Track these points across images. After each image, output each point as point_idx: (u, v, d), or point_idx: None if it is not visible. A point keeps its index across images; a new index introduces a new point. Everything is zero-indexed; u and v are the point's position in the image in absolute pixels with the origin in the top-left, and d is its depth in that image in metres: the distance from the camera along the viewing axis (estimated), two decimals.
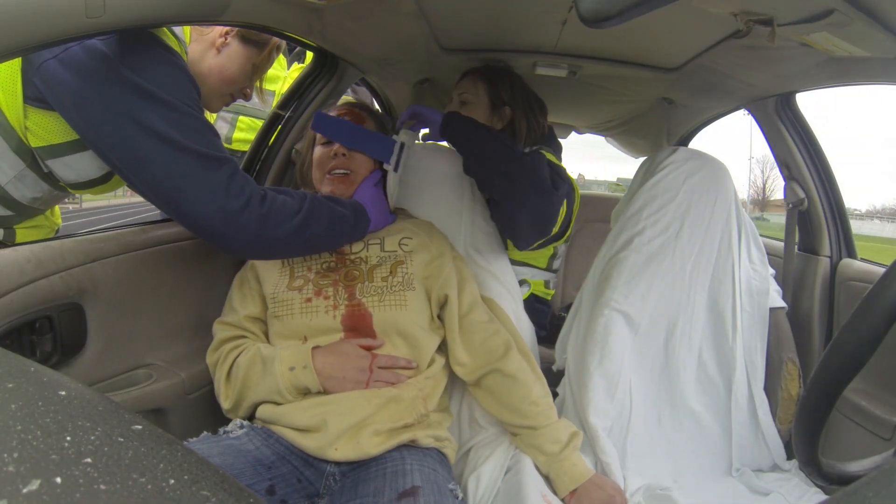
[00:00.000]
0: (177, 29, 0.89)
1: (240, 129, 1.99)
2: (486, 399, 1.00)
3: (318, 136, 1.10)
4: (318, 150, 1.09)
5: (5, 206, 0.95)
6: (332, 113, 1.12)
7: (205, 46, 0.96)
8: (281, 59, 2.04)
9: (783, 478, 1.07)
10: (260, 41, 0.99)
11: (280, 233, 0.85)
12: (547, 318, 1.41)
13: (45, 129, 0.87)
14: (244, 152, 1.89)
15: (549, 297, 1.41)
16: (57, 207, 1.15)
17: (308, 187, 1.13)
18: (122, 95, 0.75)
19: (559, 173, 1.16)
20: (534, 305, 1.31)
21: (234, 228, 0.80)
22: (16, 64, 0.82)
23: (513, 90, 1.34)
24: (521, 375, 0.96)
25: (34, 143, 0.88)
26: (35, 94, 0.83)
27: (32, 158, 0.91)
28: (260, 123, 1.94)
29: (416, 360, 0.95)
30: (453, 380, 1.03)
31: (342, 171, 1.05)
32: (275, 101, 1.95)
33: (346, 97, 1.45)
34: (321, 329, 0.94)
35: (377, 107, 1.83)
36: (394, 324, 0.94)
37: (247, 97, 1.05)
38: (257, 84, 1.06)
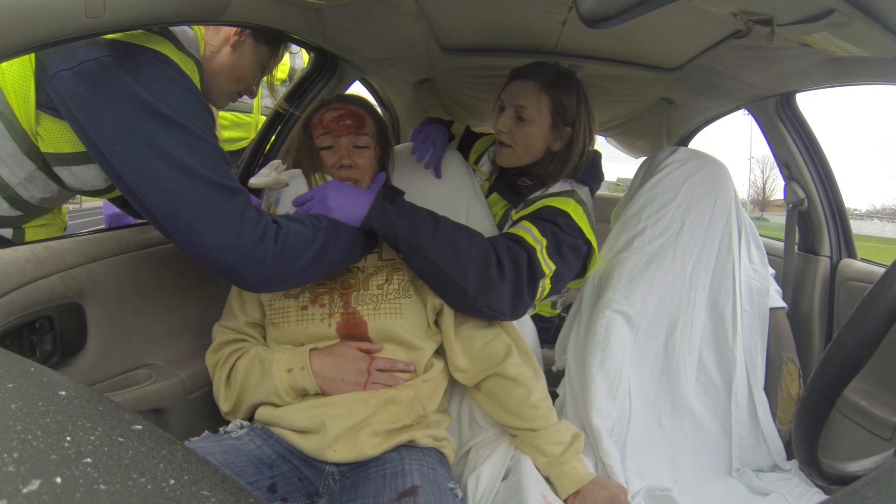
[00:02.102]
0: (191, 46, 0.86)
1: (222, 127, 1.86)
2: (485, 402, 1.00)
3: (318, 139, 1.03)
4: (323, 154, 1.02)
5: (15, 207, 0.95)
6: (332, 110, 1.05)
7: (220, 42, 0.94)
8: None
9: (783, 478, 1.08)
10: (272, 42, 0.98)
11: (297, 266, 0.81)
12: (551, 335, 1.34)
13: (55, 136, 0.86)
14: (231, 152, 1.88)
15: (555, 315, 1.35)
16: (64, 206, 1.14)
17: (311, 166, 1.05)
18: (138, 116, 0.72)
19: (530, 260, 0.97)
20: (538, 325, 1.23)
21: (249, 263, 0.76)
22: (28, 68, 0.81)
23: (578, 106, 1.15)
24: (522, 378, 0.95)
25: (44, 148, 0.87)
26: (48, 102, 0.82)
27: (43, 161, 0.90)
28: (244, 118, 1.92)
29: (413, 364, 0.95)
30: (453, 381, 1.03)
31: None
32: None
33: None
34: (316, 337, 0.94)
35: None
36: (389, 331, 0.94)
37: (252, 95, 1.03)
38: (266, 79, 1.05)
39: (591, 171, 1.20)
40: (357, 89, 1.58)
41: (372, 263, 1.01)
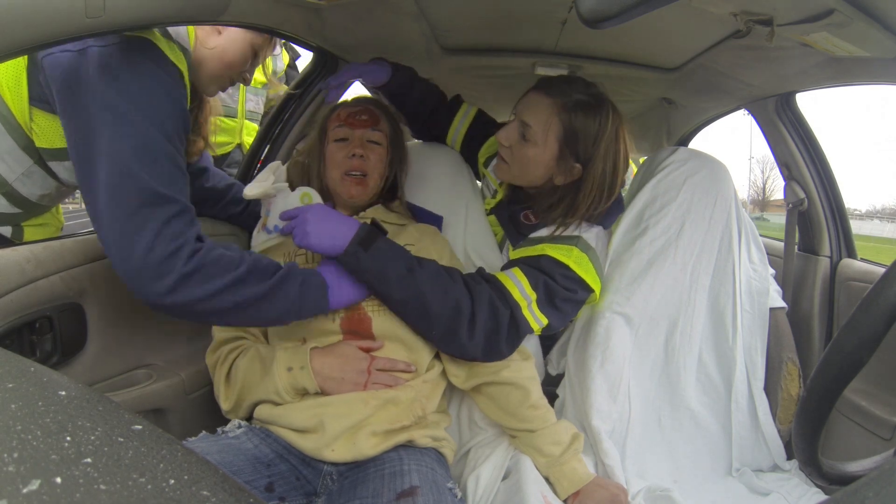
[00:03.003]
0: (179, 35, 0.86)
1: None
2: (484, 403, 1.00)
3: (332, 132, 1.05)
4: (334, 148, 1.03)
5: (13, 204, 0.96)
6: (350, 106, 1.07)
7: (208, 28, 0.93)
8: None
9: (783, 478, 1.07)
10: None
11: (199, 292, 0.74)
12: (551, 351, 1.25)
13: (48, 131, 0.87)
14: (216, 157, 1.89)
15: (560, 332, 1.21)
16: (60, 207, 1.15)
17: (314, 182, 1.07)
18: (100, 111, 0.71)
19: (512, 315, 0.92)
20: (542, 343, 1.17)
21: (148, 274, 0.71)
22: (21, 63, 0.82)
23: (596, 143, 0.97)
24: (519, 381, 0.95)
25: (39, 143, 0.88)
26: (40, 96, 0.83)
27: (40, 156, 0.91)
28: (228, 122, 1.93)
29: (415, 365, 0.95)
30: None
31: (359, 172, 1.02)
32: (241, 95, 1.93)
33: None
34: (320, 331, 0.94)
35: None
36: (393, 329, 0.94)
37: (246, 82, 1.02)
38: (262, 72, 1.05)
39: (609, 206, 1.04)
40: (357, 90, 1.58)
41: None
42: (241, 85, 1.90)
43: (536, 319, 0.95)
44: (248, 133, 1.99)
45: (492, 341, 0.92)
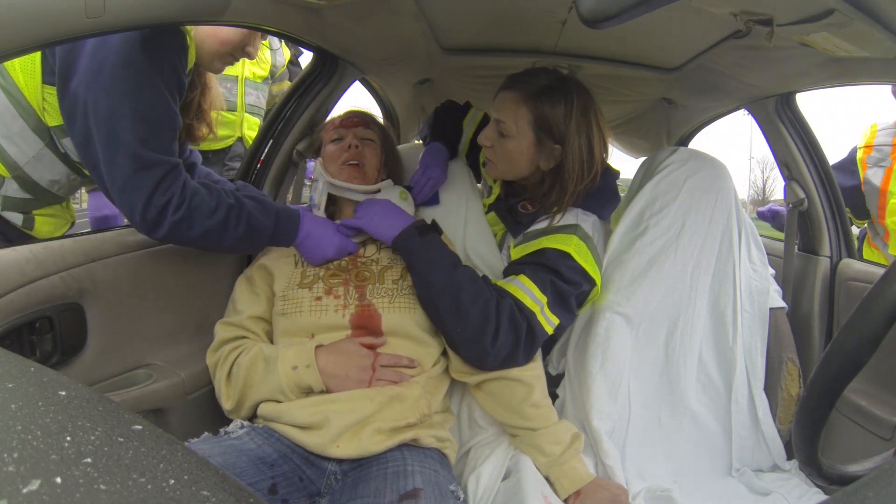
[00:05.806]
0: None
1: None
2: (486, 401, 1.00)
3: (328, 136, 1.14)
4: (331, 148, 1.13)
5: (24, 189, 0.97)
6: (339, 117, 1.19)
7: None
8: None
9: (783, 478, 1.07)
10: None
11: (192, 234, 0.89)
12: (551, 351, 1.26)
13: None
14: (217, 150, 1.90)
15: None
16: (70, 201, 1.15)
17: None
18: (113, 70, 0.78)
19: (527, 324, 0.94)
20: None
21: (146, 226, 0.86)
22: None
23: (566, 121, 1.01)
24: (524, 378, 0.95)
25: (50, 121, 0.90)
26: (52, 71, 0.85)
27: (50, 138, 0.93)
28: (229, 116, 1.93)
29: (420, 361, 0.95)
30: (454, 380, 1.03)
31: (355, 161, 1.09)
32: (239, 89, 1.95)
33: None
34: (329, 326, 0.94)
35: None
36: (402, 326, 0.95)
37: (250, 56, 1.05)
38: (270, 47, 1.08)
39: (603, 195, 1.09)
40: (357, 89, 1.58)
41: (386, 256, 1.04)
42: (240, 78, 1.92)
43: (549, 322, 0.97)
44: (250, 127, 1.99)
45: (512, 353, 0.94)
